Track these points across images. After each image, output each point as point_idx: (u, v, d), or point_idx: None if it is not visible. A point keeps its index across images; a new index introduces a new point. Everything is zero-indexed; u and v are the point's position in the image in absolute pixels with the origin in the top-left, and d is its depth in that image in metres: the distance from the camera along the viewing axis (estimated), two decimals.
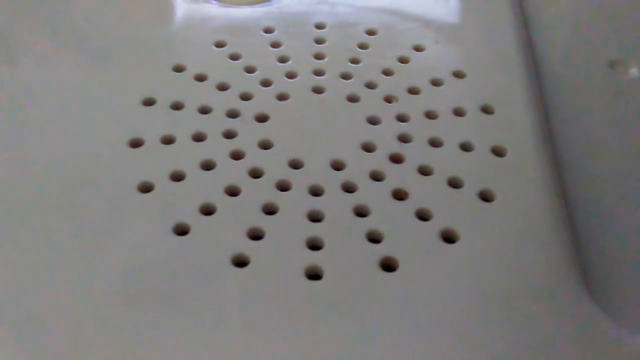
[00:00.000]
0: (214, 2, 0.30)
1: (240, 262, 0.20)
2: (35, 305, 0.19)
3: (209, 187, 0.22)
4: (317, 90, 0.26)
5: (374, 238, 0.21)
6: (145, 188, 0.22)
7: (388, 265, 0.20)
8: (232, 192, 0.22)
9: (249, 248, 0.20)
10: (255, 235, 0.21)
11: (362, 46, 0.28)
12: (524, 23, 0.30)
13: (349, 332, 0.18)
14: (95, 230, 0.21)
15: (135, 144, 0.23)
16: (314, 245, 0.20)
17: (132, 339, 0.18)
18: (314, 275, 0.20)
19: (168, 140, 0.24)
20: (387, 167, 0.23)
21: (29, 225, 0.21)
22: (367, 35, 0.29)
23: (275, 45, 0.28)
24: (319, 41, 0.28)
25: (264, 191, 0.22)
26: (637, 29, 0.32)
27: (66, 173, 0.23)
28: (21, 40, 0.29)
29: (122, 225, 0.21)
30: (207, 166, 0.23)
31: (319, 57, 0.28)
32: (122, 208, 0.21)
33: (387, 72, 0.27)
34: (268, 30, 0.29)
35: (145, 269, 0.20)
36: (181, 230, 0.21)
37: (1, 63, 0.28)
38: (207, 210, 0.21)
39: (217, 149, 0.23)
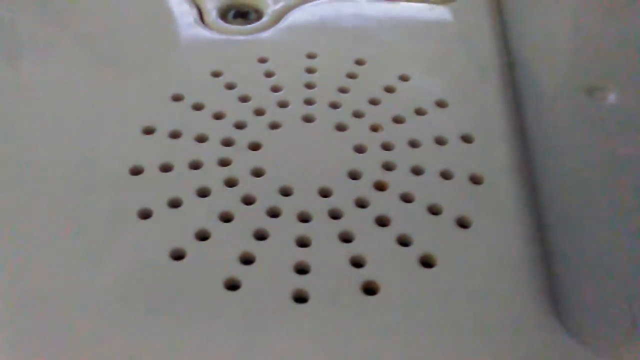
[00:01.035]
0: (209, 31, 0.32)
1: (232, 285, 0.21)
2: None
3: (204, 214, 0.23)
4: (308, 119, 0.28)
5: (357, 262, 0.22)
6: (145, 214, 0.23)
7: (370, 289, 0.22)
8: (226, 218, 0.23)
9: (241, 272, 0.22)
10: (247, 260, 0.22)
11: (351, 76, 0.30)
12: (507, 52, 0.32)
13: (332, 352, 0.20)
14: (92, 254, 0.22)
15: (135, 171, 0.25)
16: (301, 270, 0.22)
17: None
18: (300, 298, 0.21)
19: (166, 168, 0.25)
20: (371, 195, 0.24)
21: (28, 241, 0.23)
22: (356, 65, 0.30)
23: (268, 74, 0.30)
24: (310, 70, 0.30)
25: (256, 217, 0.23)
26: (615, 56, 0.33)
27: (69, 191, 0.24)
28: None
29: (119, 251, 0.22)
30: (203, 193, 0.24)
31: (310, 86, 0.29)
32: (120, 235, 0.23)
33: (373, 102, 0.28)
34: (262, 60, 0.30)
35: (141, 292, 0.21)
36: (177, 255, 0.22)
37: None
38: (202, 236, 0.23)
39: (212, 176, 0.25)
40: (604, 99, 0.31)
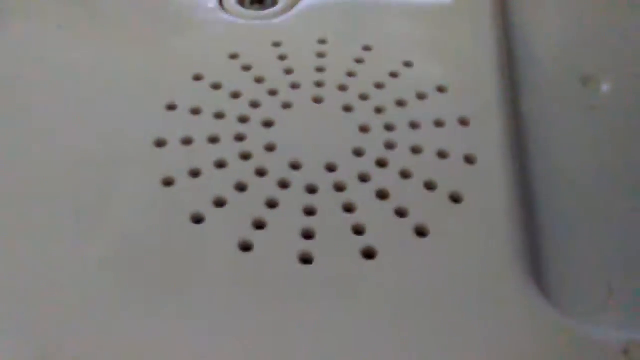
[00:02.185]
0: (228, 15, 0.34)
1: (246, 247, 0.24)
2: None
3: (221, 183, 0.26)
4: (317, 100, 0.30)
5: (358, 230, 0.25)
6: (168, 182, 0.26)
7: (368, 254, 0.24)
8: (241, 187, 0.26)
9: (254, 236, 0.24)
10: (259, 225, 0.25)
11: (359, 60, 0.32)
12: (505, 41, 0.34)
13: (334, 306, 0.23)
14: (115, 216, 0.25)
15: (160, 144, 0.27)
16: (308, 235, 0.24)
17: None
18: (306, 259, 0.24)
19: (187, 142, 0.28)
20: (374, 170, 0.27)
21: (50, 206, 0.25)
22: (363, 51, 0.32)
23: (282, 57, 0.32)
24: (320, 55, 0.32)
25: (268, 188, 0.26)
26: (609, 46, 0.35)
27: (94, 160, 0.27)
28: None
29: (145, 214, 0.25)
30: (220, 165, 0.27)
31: (320, 69, 0.31)
32: (146, 197, 0.26)
33: (379, 86, 0.31)
34: (276, 44, 0.33)
35: (164, 253, 0.24)
36: (197, 219, 0.25)
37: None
38: (220, 203, 0.25)
39: (229, 150, 0.27)
40: (598, 89, 0.33)
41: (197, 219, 0.25)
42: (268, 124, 0.29)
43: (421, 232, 0.25)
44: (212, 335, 0.22)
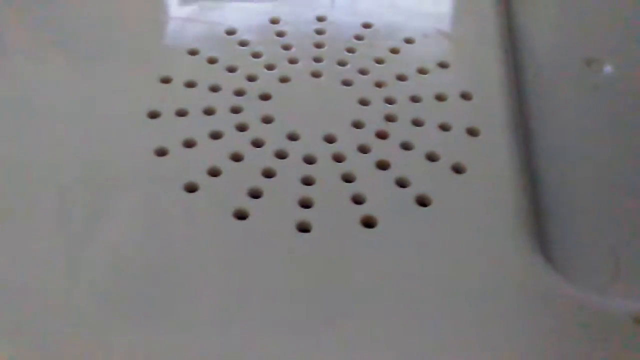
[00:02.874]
0: None
1: (241, 215, 0.23)
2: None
3: (216, 153, 0.25)
4: (316, 75, 0.29)
5: (357, 200, 0.24)
6: (161, 152, 0.25)
7: (368, 223, 0.23)
8: (237, 158, 0.25)
9: (249, 204, 0.23)
10: (255, 195, 0.24)
11: (358, 37, 0.31)
12: (508, 20, 0.33)
13: (332, 276, 0.22)
14: (111, 186, 0.24)
15: (153, 115, 0.27)
16: (305, 204, 0.24)
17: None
18: (304, 229, 0.23)
19: (182, 113, 0.27)
20: (374, 142, 0.26)
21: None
22: (363, 28, 0.32)
23: (280, 34, 0.31)
24: (319, 32, 0.32)
25: (264, 158, 0.25)
26: (613, 28, 0.35)
27: (90, 137, 0.26)
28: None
29: (138, 184, 0.24)
30: (216, 136, 0.26)
31: (318, 45, 0.31)
32: (139, 169, 0.25)
33: (379, 61, 0.30)
34: (274, 21, 0.32)
35: (159, 221, 0.23)
36: (191, 189, 0.24)
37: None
38: (214, 172, 0.24)
39: (224, 121, 0.27)
40: (601, 70, 0.33)
41: (190, 189, 0.24)
42: (265, 97, 0.28)
43: (422, 202, 0.24)
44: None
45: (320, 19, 0.32)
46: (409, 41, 0.31)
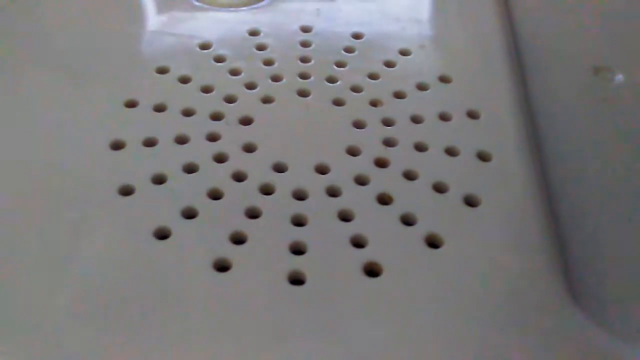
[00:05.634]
0: (199, 3, 0.30)
1: (222, 266, 0.20)
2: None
3: (191, 191, 0.22)
4: (302, 94, 0.26)
5: (358, 243, 0.20)
6: (126, 191, 0.21)
7: (372, 271, 0.20)
8: (215, 195, 0.22)
9: (231, 252, 0.20)
10: (238, 240, 0.20)
11: (348, 50, 0.28)
12: (511, 28, 0.30)
13: (332, 337, 0.18)
14: (71, 233, 0.20)
15: (117, 146, 0.23)
16: (297, 250, 0.20)
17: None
18: (296, 280, 0.19)
19: (150, 143, 0.23)
20: (372, 171, 0.23)
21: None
22: (353, 39, 0.29)
23: (260, 48, 0.28)
24: (305, 44, 0.28)
25: (247, 195, 0.22)
26: (622, 36, 0.32)
27: (46, 175, 0.22)
28: None
29: (100, 228, 0.20)
30: (190, 169, 0.22)
31: (304, 60, 0.27)
32: (101, 210, 0.21)
33: (372, 76, 0.27)
34: (254, 33, 0.28)
35: (122, 271, 0.19)
36: (162, 234, 0.20)
37: None
38: (189, 214, 0.21)
39: (200, 151, 0.23)
40: (610, 79, 0.30)
41: (162, 235, 0.20)
42: (246, 121, 0.24)
43: (433, 243, 0.21)
44: None
45: (305, 30, 0.29)
46: (404, 53, 0.28)
